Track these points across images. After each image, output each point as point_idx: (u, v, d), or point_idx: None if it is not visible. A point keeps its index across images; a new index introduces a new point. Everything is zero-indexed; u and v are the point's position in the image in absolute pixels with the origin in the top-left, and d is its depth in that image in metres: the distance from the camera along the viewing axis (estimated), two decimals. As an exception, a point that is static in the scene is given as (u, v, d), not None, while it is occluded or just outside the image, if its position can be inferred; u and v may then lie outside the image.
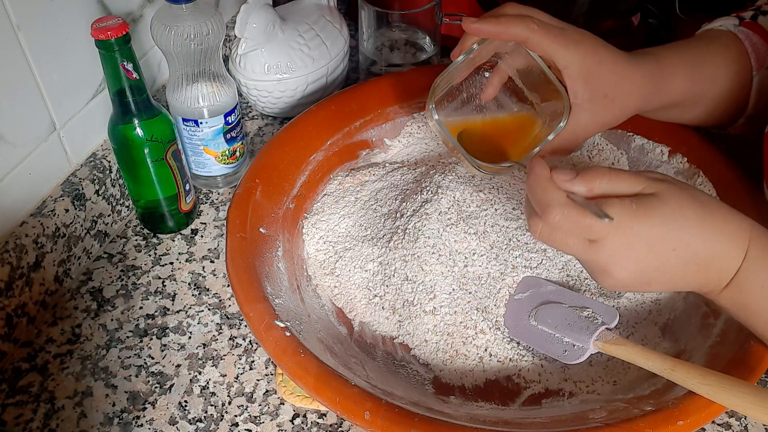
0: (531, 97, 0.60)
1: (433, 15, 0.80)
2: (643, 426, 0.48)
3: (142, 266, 0.69)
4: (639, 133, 0.71)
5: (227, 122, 0.70)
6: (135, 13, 0.72)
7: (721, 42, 0.64)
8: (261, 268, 0.58)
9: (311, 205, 0.69)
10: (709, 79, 0.63)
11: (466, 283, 0.60)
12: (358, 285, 0.63)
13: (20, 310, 0.61)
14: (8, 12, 0.56)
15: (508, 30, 0.55)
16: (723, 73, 0.63)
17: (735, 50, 0.63)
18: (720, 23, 0.65)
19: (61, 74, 0.63)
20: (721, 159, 0.67)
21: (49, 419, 0.57)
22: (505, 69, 0.61)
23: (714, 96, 0.64)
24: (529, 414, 0.55)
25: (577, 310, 0.57)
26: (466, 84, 0.62)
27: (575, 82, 0.56)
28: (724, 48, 0.63)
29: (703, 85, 0.63)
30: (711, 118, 0.66)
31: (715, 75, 0.63)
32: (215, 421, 0.57)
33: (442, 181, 0.65)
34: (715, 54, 0.63)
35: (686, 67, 0.62)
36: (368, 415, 0.48)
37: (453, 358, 0.58)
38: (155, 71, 0.78)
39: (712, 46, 0.64)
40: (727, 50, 0.63)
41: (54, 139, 0.65)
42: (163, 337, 0.63)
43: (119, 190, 0.71)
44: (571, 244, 0.49)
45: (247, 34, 0.74)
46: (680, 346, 0.58)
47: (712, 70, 0.63)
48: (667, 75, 0.61)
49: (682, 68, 0.62)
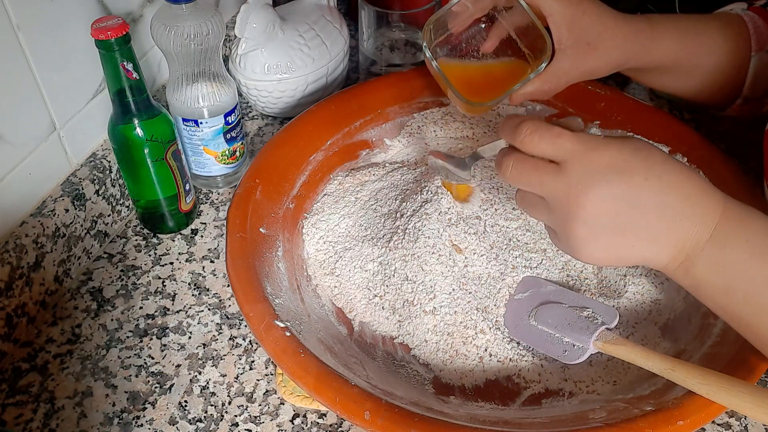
0: (523, 48, 0.63)
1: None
2: (643, 426, 0.48)
3: (142, 266, 0.69)
4: (639, 133, 0.71)
5: (227, 122, 0.70)
6: (135, 13, 0.72)
7: (724, 20, 0.66)
8: (261, 268, 0.58)
9: (311, 205, 0.69)
10: (705, 50, 0.64)
11: (466, 283, 0.60)
12: (358, 285, 0.63)
13: (20, 310, 0.61)
14: (8, 12, 0.56)
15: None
16: (720, 48, 0.64)
17: (736, 28, 0.65)
18: (730, 7, 0.67)
19: (61, 74, 0.63)
20: (721, 158, 0.67)
21: (49, 419, 0.57)
22: (504, 24, 0.64)
23: (708, 69, 0.65)
24: (529, 414, 0.55)
25: (577, 310, 0.57)
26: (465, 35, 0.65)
27: (559, 29, 0.60)
28: (725, 25, 0.65)
29: (696, 55, 0.64)
30: (705, 94, 0.67)
31: (712, 48, 0.64)
32: (215, 421, 0.57)
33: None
34: (714, 29, 0.65)
35: (679, 33, 0.64)
36: (368, 415, 0.48)
37: (453, 358, 0.58)
38: (155, 71, 0.78)
39: (713, 22, 0.66)
40: (728, 27, 0.65)
41: (54, 139, 0.65)
42: (163, 337, 0.63)
43: (119, 190, 0.71)
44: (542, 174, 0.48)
45: (247, 34, 0.74)
46: (680, 346, 0.58)
47: (709, 43, 0.64)
48: (657, 36, 0.63)
49: (674, 33, 0.64)
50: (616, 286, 0.62)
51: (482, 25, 0.64)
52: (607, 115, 0.73)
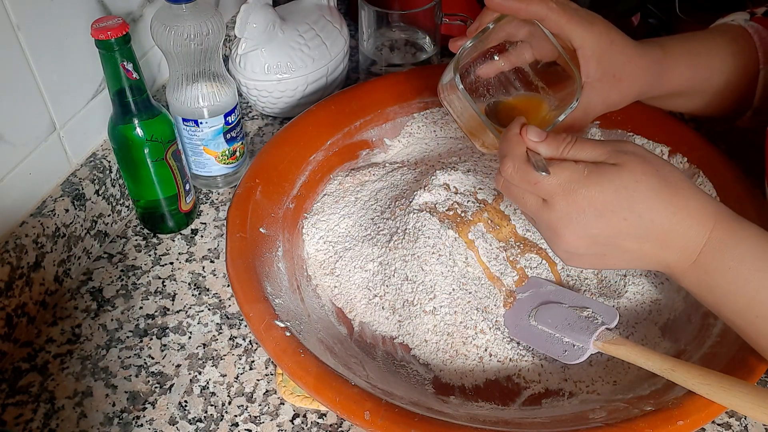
0: (536, 81, 0.61)
1: (433, 15, 0.80)
2: (643, 426, 0.48)
3: (142, 266, 0.69)
4: (639, 133, 0.71)
5: (227, 122, 0.70)
6: (135, 13, 0.72)
7: (730, 35, 0.65)
8: (261, 268, 0.58)
9: (311, 205, 0.69)
10: (715, 71, 0.64)
11: (466, 283, 0.60)
12: (358, 285, 0.63)
13: (20, 310, 0.61)
14: (8, 12, 0.56)
15: (529, 8, 0.56)
16: (729, 66, 0.63)
17: (743, 44, 0.64)
18: (732, 18, 0.66)
19: (61, 74, 0.63)
20: (721, 159, 0.67)
21: (49, 419, 0.57)
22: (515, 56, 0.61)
23: (719, 88, 0.64)
24: (529, 414, 0.55)
25: (577, 310, 0.57)
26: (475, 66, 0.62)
27: (589, 62, 0.57)
28: (731, 41, 0.64)
29: (707, 76, 0.64)
30: (716, 110, 0.67)
31: (721, 68, 0.63)
32: (215, 421, 0.57)
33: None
34: (721, 47, 0.64)
35: (690, 57, 0.63)
36: (368, 415, 0.48)
37: (453, 358, 0.58)
38: (155, 71, 0.78)
39: (719, 39, 0.65)
40: (735, 43, 0.64)
41: (54, 139, 0.65)
42: (163, 337, 0.63)
43: (119, 190, 0.71)
44: (527, 200, 0.50)
45: (247, 34, 0.74)
46: (680, 346, 0.58)
47: (718, 63, 0.63)
48: (671, 64, 0.62)
49: (686, 59, 0.62)
50: (616, 286, 0.62)
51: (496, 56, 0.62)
52: (607, 115, 0.72)
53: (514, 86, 0.62)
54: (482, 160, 0.71)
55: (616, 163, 0.48)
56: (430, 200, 0.64)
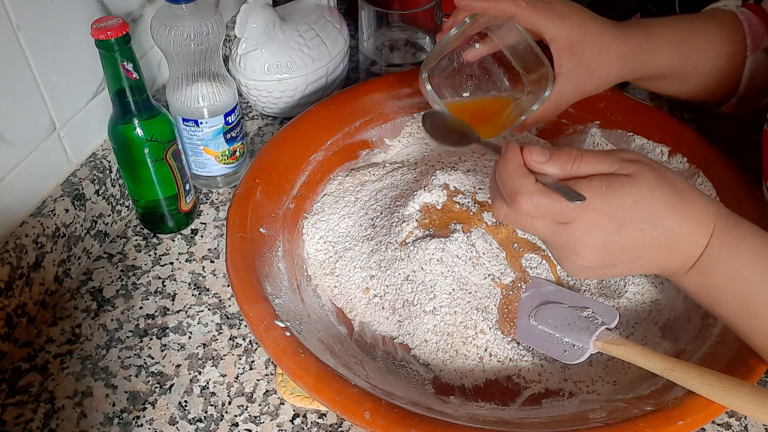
0: (517, 67, 0.63)
1: (433, 15, 0.81)
2: (643, 426, 0.48)
3: (142, 266, 0.69)
4: (639, 133, 0.71)
5: (227, 122, 0.70)
6: (135, 13, 0.72)
7: (719, 20, 0.65)
8: (261, 268, 0.58)
9: (311, 205, 0.69)
10: (702, 55, 0.64)
11: (466, 283, 0.60)
12: (358, 285, 0.63)
13: (20, 310, 0.61)
14: (8, 12, 0.56)
15: (497, 6, 0.57)
16: (716, 51, 0.64)
17: (732, 29, 0.64)
18: (724, 2, 0.67)
19: (61, 74, 0.63)
20: (721, 159, 0.67)
21: (49, 419, 0.57)
22: (495, 41, 0.63)
23: (705, 72, 0.65)
24: (529, 414, 0.55)
25: (577, 310, 0.57)
26: (457, 54, 0.64)
27: (561, 55, 0.59)
28: (720, 26, 0.65)
29: (693, 61, 0.64)
30: (701, 94, 0.67)
31: (708, 52, 0.64)
32: (215, 421, 0.57)
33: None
34: (710, 31, 0.65)
35: (676, 40, 0.63)
36: (368, 415, 0.48)
37: (453, 358, 0.58)
38: (155, 71, 0.78)
39: (709, 24, 0.65)
40: (724, 29, 0.64)
41: (54, 139, 0.65)
42: (163, 337, 0.63)
43: (119, 190, 0.71)
44: (538, 226, 0.49)
45: (247, 34, 0.74)
46: (680, 346, 0.58)
47: (706, 47, 0.64)
48: (654, 47, 0.62)
49: (670, 42, 0.63)
50: (616, 286, 0.62)
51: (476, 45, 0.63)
52: (606, 115, 0.73)
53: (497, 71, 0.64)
54: (482, 160, 0.71)
55: (628, 173, 0.48)
56: (430, 200, 0.64)
